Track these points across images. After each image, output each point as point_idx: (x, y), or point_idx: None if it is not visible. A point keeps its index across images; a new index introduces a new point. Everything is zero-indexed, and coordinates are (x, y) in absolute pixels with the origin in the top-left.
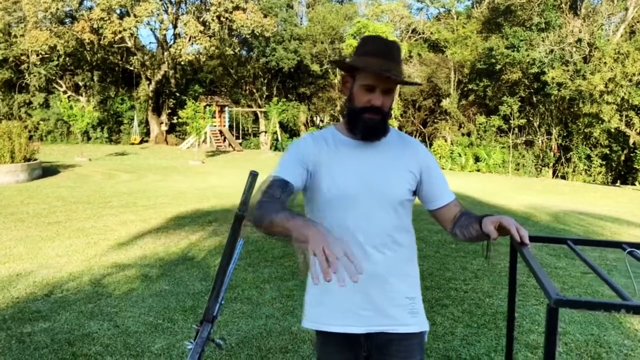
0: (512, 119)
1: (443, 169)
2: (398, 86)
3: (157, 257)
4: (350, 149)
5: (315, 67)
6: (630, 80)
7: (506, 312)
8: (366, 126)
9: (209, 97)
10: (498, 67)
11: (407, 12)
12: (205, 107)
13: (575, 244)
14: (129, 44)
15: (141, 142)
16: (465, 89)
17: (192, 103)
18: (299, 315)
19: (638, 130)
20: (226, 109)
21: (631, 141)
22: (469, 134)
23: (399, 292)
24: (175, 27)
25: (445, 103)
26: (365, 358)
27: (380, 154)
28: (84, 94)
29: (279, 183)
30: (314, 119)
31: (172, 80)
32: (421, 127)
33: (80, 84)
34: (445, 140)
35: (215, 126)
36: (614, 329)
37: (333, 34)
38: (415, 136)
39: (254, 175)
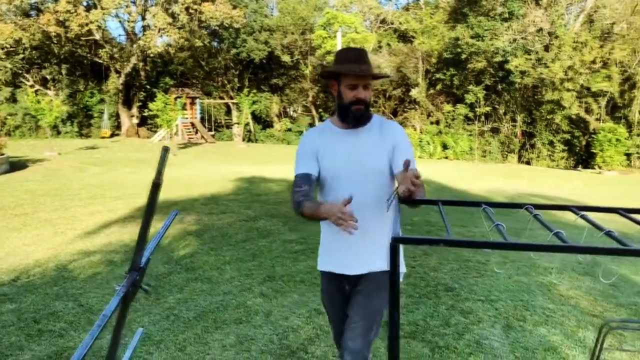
0: (478, 107)
1: None
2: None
3: (123, 244)
4: (343, 137)
5: (286, 58)
6: (588, 68)
7: (447, 284)
8: (355, 116)
9: (180, 89)
10: (464, 56)
11: (375, 3)
12: (175, 99)
13: (444, 204)
14: (97, 36)
15: (112, 135)
16: (433, 78)
17: (162, 95)
18: (255, 292)
19: (597, 116)
20: (197, 101)
21: (591, 127)
22: (437, 123)
23: (381, 244)
24: (144, 19)
25: (414, 92)
26: (348, 290)
27: (365, 139)
28: (52, 87)
29: (303, 177)
30: (287, 110)
31: (142, 73)
32: (392, 117)
33: (48, 77)
34: (415, 129)
35: (186, 118)
36: (541, 295)
37: (303, 24)
38: None
39: (165, 150)
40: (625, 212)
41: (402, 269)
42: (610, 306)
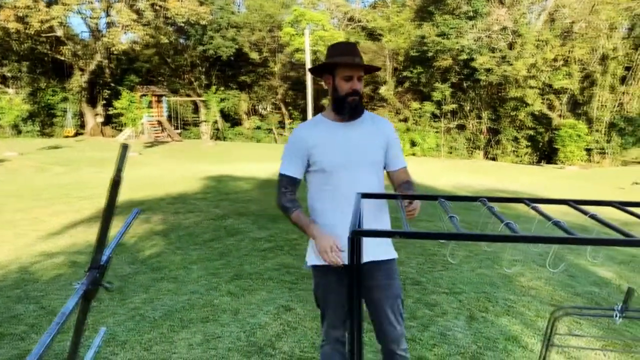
0: (444, 104)
1: None
2: None
3: (88, 245)
4: (338, 129)
5: (254, 55)
6: (550, 66)
7: (414, 278)
8: (351, 107)
9: (146, 87)
10: (430, 54)
11: (343, 1)
12: (141, 97)
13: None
14: (59, 33)
15: (76, 134)
16: (401, 76)
17: (128, 93)
18: (223, 290)
19: (559, 113)
20: (164, 98)
21: (553, 123)
22: (405, 120)
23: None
24: (108, 15)
25: (382, 90)
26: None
27: (359, 131)
28: (11, 85)
29: (289, 180)
30: (256, 107)
31: (107, 71)
32: None
33: (8, 75)
34: None
35: (152, 116)
36: (503, 287)
37: (271, 22)
38: None
39: (125, 147)
40: (574, 204)
41: (393, 254)
42: (568, 295)
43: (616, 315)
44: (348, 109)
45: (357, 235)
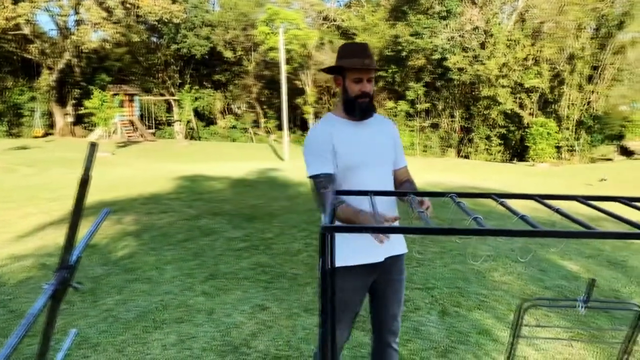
0: (418, 103)
1: None
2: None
3: (57, 247)
4: (350, 127)
5: (228, 54)
6: (521, 65)
7: None
8: (361, 109)
9: (118, 86)
10: (404, 54)
11: (317, 0)
12: (113, 96)
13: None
14: (26, 30)
15: (45, 135)
16: (376, 75)
17: (99, 92)
18: (197, 290)
19: (530, 111)
20: (136, 98)
21: (525, 121)
22: None
23: (396, 223)
24: (77, 12)
25: None
26: (373, 281)
27: (372, 129)
28: None
29: (327, 177)
30: (231, 106)
31: (77, 69)
32: None
33: None
34: None
35: (124, 116)
36: (476, 282)
37: (245, 20)
38: None
39: (93, 146)
40: (540, 199)
41: (406, 249)
42: (539, 289)
43: (579, 306)
44: (358, 110)
45: (326, 231)
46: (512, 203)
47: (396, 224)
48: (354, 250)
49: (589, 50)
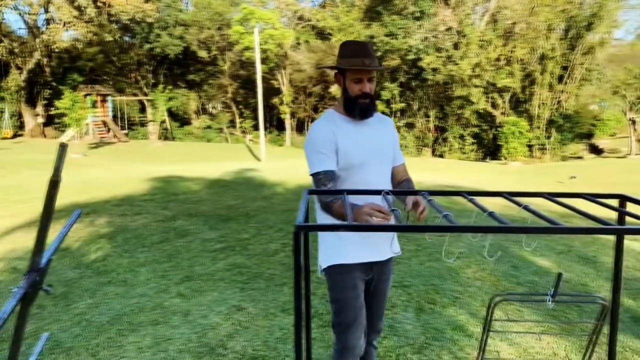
0: (393, 103)
1: None
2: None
3: (27, 250)
4: (352, 126)
5: (203, 54)
6: (493, 65)
7: None
8: (361, 109)
9: (90, 86)
10: (379, 54)
11: (292, 0)
12: (85, 96)
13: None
14: None
15: (14, 136)
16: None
17: (70, 93)
18: (173, 292)
19: (502, 111)
20: (109, 98)
21: (497, 121)
22: None
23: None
24: (46, 11)
25: (333, 89)
26: (368, 281)
27: (373, 128)
28: None
29: (328, 174)
30: (206, 106)
31: (47, 69)
32: (312, 113)
33: None
34: None
35: (97, 117)
36: (450, 279)
37: (220, 20)
38: (307, 122)
39: (63, 147)
40: (508, 196)
41: (398, 249)
42: (511, 285)
43: (548, 300)
44: (358, 110)
45: (299, 230)
46: (483, 200)
47: (392, 221)
48: (354, 248)
49: (559, 51)
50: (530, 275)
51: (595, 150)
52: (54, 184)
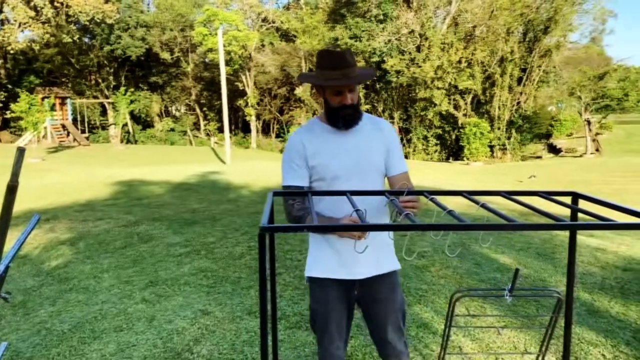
0: (358, 105)
1: None
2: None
3: None
4: (336, 136)
5: (165, 55)
6: (455, 68)
7: None
8: (344, 119)
9: (48, 88)
10: None
11: (256, 1)
12: (42, 99)
13: (313, 194)
14: None
15: None
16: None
17: (27, 95)
18: (137, 298)
19: (464, 112)
20: (68, 101)
21: (459, 122)
22: None
23: (383, 240)
24: (1, 11)
25: (298, 91)
26: (356, 298)
27: (361, 136)
28: None
29: (296, 190)
30: (169, 109)
31: (2, 71)
32: (278, 115)
33: None
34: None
35: (56, 120)
36: (415, 277)
37: (183, 21)
38: (272, 124)
39: (21, 151)
40: (467, 194)
41: (398, 265)
42: (474, 282)
43: (505, 295)
44: (342, 122)
45: (263, 232)
46: (445, 199)
47: (365, 240)
48: (329, 263)
49: (517, 54)
50: (493, 272)
51: (554, 150)
52: (11, 189)
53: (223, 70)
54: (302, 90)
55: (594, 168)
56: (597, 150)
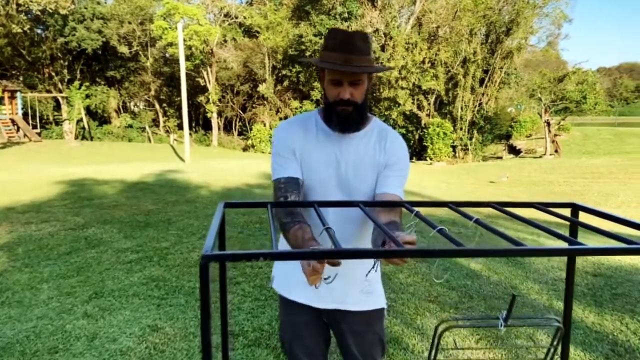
0: (322, 103)
1: (262, 152)
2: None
3: None
4: (330, 139)
5: (123, 49)
6: (419, 68)
7: None
8: (340, 118)
9: None
10: (308, 53)
11: None
12: None
13: (272, 207)
14: None
15: None
16: (280, 74)
17: None
18: (78, 313)
19: (427, 112)
20: (18, 94)
21: (423, 122)
22: (285, 119)
23: (356, 275)
24: None
25: (262, 88)
26: (325, 323)
27: (356, 148)
28: None
29: (289, 181)
30: (127, 104)
31: None
32: (241, 112)
33: None
34: (265, 125)
35: (5, 114)
36: (383, 285)
37: (142, 14)
38: (235, 121)
39: None
40: (454, 207)
41: (381, 304)
42: (444, 290)
43: (500, 325)
44: (336, 120)
45: (206, 261)
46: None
47: (341, 268)
48: (293, 280)
49: (480, 55)
50: (463, 279)
51: (514, 151)
52: None
53: (183, 65)
54: (266, 88)
55: (555, 169)
56: (556, 151)
